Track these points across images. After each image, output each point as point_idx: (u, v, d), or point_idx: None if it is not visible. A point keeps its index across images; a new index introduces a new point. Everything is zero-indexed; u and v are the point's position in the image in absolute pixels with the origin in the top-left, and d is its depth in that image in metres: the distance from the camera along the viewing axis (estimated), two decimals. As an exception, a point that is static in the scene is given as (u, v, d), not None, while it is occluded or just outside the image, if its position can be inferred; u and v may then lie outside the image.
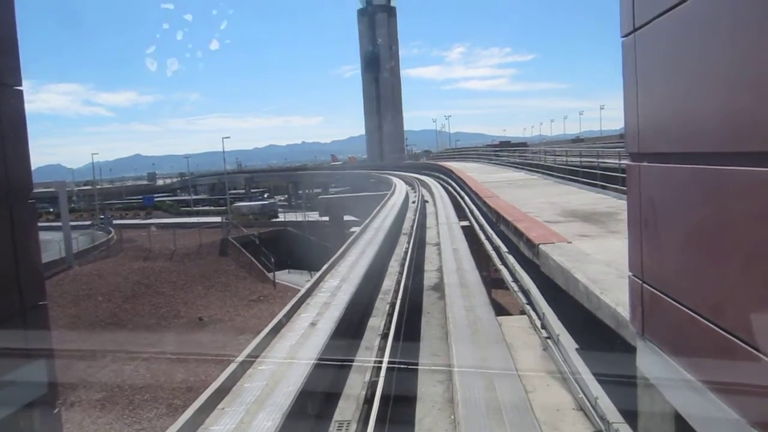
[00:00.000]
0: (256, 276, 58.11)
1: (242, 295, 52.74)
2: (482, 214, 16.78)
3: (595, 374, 6.03)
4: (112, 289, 48.04)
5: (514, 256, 10.78)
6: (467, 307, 8.66)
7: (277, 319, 9.11)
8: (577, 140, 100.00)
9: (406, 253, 14.41)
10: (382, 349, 7.35)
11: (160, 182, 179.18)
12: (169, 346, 36.62)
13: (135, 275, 53.68)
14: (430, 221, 22.29)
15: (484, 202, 15.80)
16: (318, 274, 11.95)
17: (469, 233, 17.62)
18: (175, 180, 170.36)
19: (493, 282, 16.05)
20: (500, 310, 9.07)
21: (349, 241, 16.19)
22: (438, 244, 16.62)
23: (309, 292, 10.93)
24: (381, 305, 10.76)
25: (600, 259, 7.22)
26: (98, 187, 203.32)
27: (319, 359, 7.14)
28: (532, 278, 9.04)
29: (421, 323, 9.19)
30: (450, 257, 13.75)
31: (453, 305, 9.24)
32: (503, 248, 12.07)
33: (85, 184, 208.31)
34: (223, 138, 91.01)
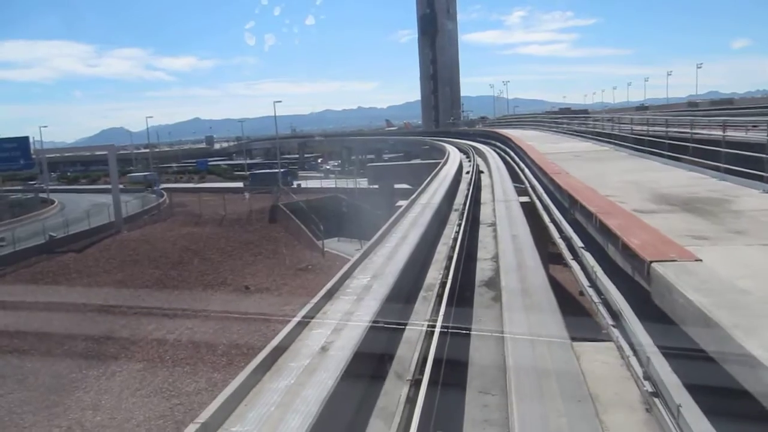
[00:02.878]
0: (305, 243, 57.04)
1: (290, 263, 51.70)
2: (548, 193, 14.45)
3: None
4: (159, 255, 47.51)
5: (593, 256, 8.49)
6: (532, 333, 6.42)
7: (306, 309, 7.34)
8: (641, 108, 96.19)
9: (456, 234, 12.22)
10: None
11: (217, 146, 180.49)
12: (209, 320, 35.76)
13: (183, 241, 53.18)
14: (484, 195, 20.01)
15: (551, 180, 13.47)
16: (344, 268, 9.89)
17: (530, 213, 15.32)
18: (231, 144, 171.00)
19: (560, 284, 13.76)
20: (575, 326, 6.73)
21: (391, 219, 14.11)
22: (494, 225, 14.36)
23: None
24: (422, 308, 8.67)
25: (752, 290, 4.78)
26: (156, 150, 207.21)
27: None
28: (622, 291, 6.77)
29: (470, 343, 7.06)
30: (508, 246, 11.47)
31: (512, 321, 7.03)
32: (577, 242, 9.80)
33: (145, 148, 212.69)
34: (274, 102, 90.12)
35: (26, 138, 60.38)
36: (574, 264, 9.52)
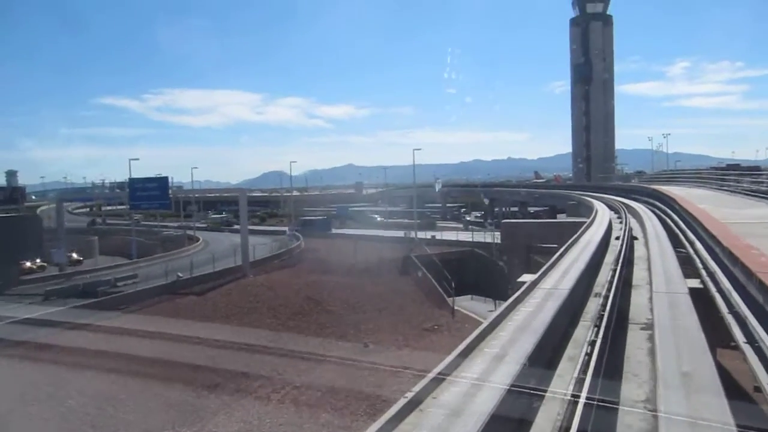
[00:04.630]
0: (434, 300, 53.57)
1: (416, 321, 48.36)
2: (738, 290, 9.72)
3: None
4: (280, 303, 45.75)
5: None
6: None
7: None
8: None
9: (590, 348, 7.94)
10: None
11: (369, 192, 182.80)
12: (320, 378, 32.98)
13: (307, 289, 51.35)
14: (638, 274, 15.35)
15: (748, 270, 8.88)
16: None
17: (707, 313, 10.64)
18: (378, 191, 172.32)
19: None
20: None
21: (484, 325, 10.07)
22: (650, 328, 9.89)
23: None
24: None
25: None
26: (306, 193, 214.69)
27: None
28: None
29: None
30: (675, 386, 7.04)
31: None
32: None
33: (298, 191, 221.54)
34: (414, 150, 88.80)
35: (165, 178, 62.38)
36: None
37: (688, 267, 15.64)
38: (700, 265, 14.00)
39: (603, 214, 33.32)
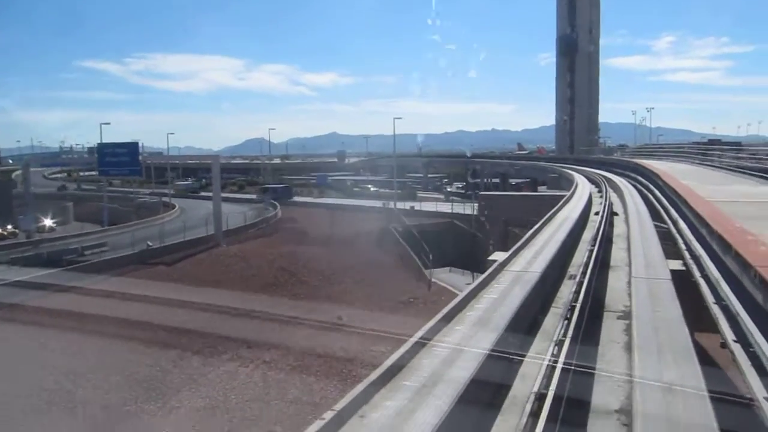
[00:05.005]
0: (412, 272, 52.74)
1: (392, 294, 47.45)
2: (732, 286, 8.67)
3: None
4: (252, 274, 44.58)
5: None
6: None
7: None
8: None
9: (557, 347, 6.89)
10: None
11: (350, 161, 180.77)
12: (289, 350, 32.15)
13: (282, 260, 50.20)
14: (617, 255, 14.33)
15: (745, 261, 7.80)
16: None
17: (690, 300, 9.63)
18: (360, 160, 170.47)
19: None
20: None
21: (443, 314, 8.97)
22: (628, 317, 8.87)
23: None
24: None
25: None
26: (287, 162, 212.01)
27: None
28: None
29: None
30: (656, 400, 6.01)
31: None
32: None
33: (279, 159, 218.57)
34: (394, 119, 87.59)
35: (135, 144, 60.40)
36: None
37: (669, 245, 14.68)
38: (683, 247, 12.99)
39: (583, 189, 32.35)
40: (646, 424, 5.54)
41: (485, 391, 6.82)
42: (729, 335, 7.48)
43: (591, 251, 13.49)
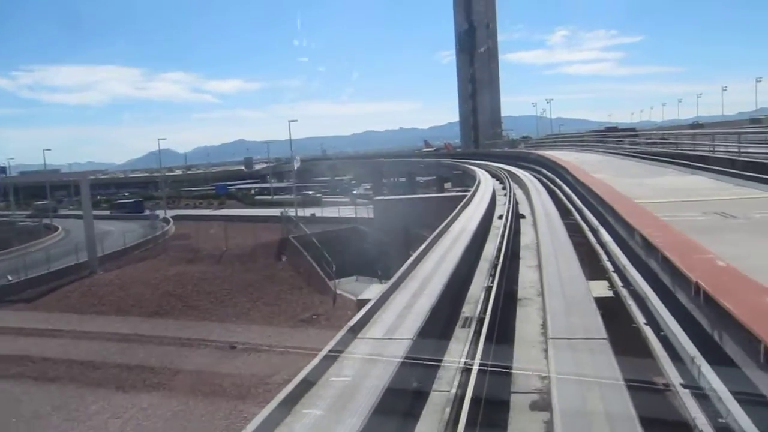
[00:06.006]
0: (315, 285, 49.20)
1: (293, 311, 43.98)
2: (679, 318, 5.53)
3: None
4: (132, 304, 39.56)
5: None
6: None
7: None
8: (696, 125, 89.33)
9: None
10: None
11: (257, 167, 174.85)
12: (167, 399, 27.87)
13: (168, 284, 45.39)
14: (525, 277, 11.17)
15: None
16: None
17: (632, 350, 6.48)
18: (268, 165, 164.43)
19: None
20: None
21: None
22: (546, 408, 5.53)
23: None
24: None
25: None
26: (190, 172, 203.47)
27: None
28: None
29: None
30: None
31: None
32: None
33: (188, 169, 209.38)
34: (289, 122, 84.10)
35: (-2, 166, 53.80)
36: None
37: (586, 253, 11.65)
38: (610, 268, 9.85)
39: (485, 187, 29.53)
40: None
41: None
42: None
43: (493, 276, 10.33)
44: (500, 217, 18.68)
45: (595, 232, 11.88)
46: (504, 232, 14.69)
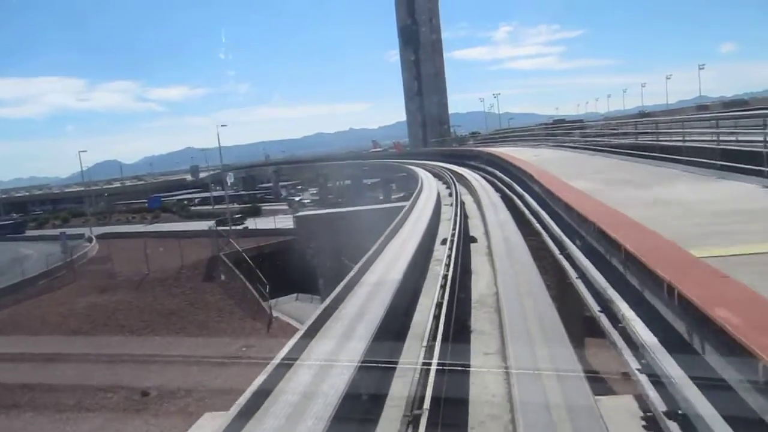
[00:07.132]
0: (248, 309, 43.95)
1: (219, 344, 38.38)
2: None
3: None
4: (22, 352, 33.37)
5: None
6: None
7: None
8: (643, 114, 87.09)
9: None
10: None
11: (203, 175, 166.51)
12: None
13: (74, 319, 39.43)
14: (478, 362, 6.29)
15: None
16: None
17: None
18: (210, 173, 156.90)
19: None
20: None
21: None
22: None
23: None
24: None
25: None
26: (128, 184, 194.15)
27: None
28: None
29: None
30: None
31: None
32: None
33: (137, 179, 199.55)
34: (218, 126, 77.78)
35: None
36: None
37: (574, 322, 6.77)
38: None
39: (429, 196, 24.66)
40: None
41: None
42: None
43: (433, 368, 5.53)
44: (443, 242, 13.78)
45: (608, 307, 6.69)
46: (446, 280, 9.72)
